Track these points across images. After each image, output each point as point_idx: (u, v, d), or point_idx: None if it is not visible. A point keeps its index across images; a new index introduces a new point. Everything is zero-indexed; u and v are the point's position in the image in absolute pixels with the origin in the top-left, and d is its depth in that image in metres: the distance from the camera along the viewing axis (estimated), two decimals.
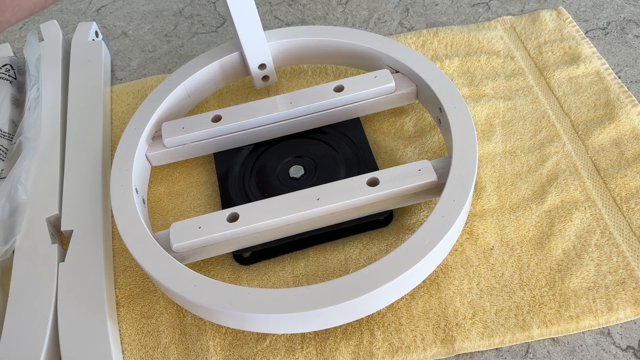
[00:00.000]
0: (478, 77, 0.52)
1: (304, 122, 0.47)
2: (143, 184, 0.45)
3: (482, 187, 0.44)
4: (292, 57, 0.52)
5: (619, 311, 0.37)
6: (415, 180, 0.39)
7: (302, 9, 0.64)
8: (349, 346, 0.38)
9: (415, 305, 0.39)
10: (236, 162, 0.46)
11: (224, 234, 0.38)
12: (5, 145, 0.50)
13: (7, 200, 0.44)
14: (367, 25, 0.60)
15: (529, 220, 0.42)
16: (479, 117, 0.49)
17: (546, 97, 0.50)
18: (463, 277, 0.40)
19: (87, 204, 0.45)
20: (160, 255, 0.37)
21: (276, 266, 0.42)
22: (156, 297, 0.41)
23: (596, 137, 0.47)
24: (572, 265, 0.40)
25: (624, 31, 0.56)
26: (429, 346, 0.37)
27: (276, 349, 0.38)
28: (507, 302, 0.38)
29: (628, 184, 0.43)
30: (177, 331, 0.40)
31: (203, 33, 0.62)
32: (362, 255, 0.42)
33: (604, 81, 0.50)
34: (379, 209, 0.40)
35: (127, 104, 0.55)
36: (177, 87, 0.48)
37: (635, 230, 0.41)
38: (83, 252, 0.42)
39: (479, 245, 0.41)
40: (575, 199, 0.43)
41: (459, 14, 0.60)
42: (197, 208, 0.46)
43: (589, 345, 0.37)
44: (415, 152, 0.47)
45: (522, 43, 0.55)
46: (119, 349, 0.39)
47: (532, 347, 0.37)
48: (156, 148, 0.46)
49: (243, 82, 0.55)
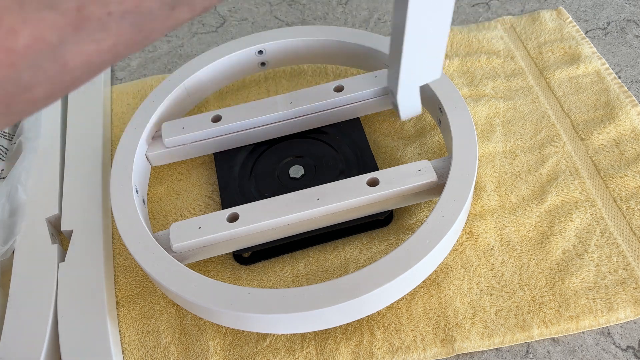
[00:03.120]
0: (478, 77, 0.52)
1: (304, 122, 0.47)
2: (143, 184, 0.45)
3: (482, 187, 0.44)
4: (292, 57, 0.52)
5: (619, 311, 0.37)
6: (415, 180, 0.39)
7: (302, 9, 0.64)
8: (349, 346, 0.38)
9: (415, 305, 0.39)
10: (236, 162, 0.46)
11: (224, 234, 0.38)
12: (5, 145, 0.50)
13: (7, 200, 0.44)
14: (367, 25, 0.60)
15: (529, 220, 0.42)
16: (479, 117, 0.49)
17: (546, 97, 0.50)
18: (463, 277, 0.40)
19: (87, 204, 0.45)
20: (160, 255, 0.37)
21: (276, 266, 0.42)
22: (156, 297, 0.41)
23: (596, 137, 0.47)
24: (572, 265, 0.40)
25: (624, 31, 0.56)
26: (429, 346, 0.37)
27: (276, 349, 0.38)
28: (507, 302, 0.39)
29: (628, 184, 0.43)
30: (177, 331, 0.40)
31: (203, 33, 0.62)
32: (362, 255, 0.42)
33: (604, 81, 0.50)
34: (379, 209, 0.40)
35: (127, 104, 0.55)
36: (177, 87, 0.48)
37: (635, 230, 0.41)
38: (83, 252, 0.42)
39: (479, 245, 0.41)
40: (575, 199, 0.43)
41: (459, 14, 0.60)
42: (197, 208, 0.46)
43: (589, 345, 0.37)
44: (415, 152, 0.47)
45: (522, 43, 0.55)
46: (119, 349, 0.39)
47: (532, 347, 0.37)
48: (156, 148, 0.46)
49: (243, 82, 0.55)
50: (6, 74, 0.18)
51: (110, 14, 0.19)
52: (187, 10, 0.21)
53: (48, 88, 0.20)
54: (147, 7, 0.19)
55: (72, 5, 0.18)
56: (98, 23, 0.19)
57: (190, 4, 0.21)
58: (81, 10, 0.18)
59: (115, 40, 0.20)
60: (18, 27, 0.17)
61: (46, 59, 0.18)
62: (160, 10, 0.20)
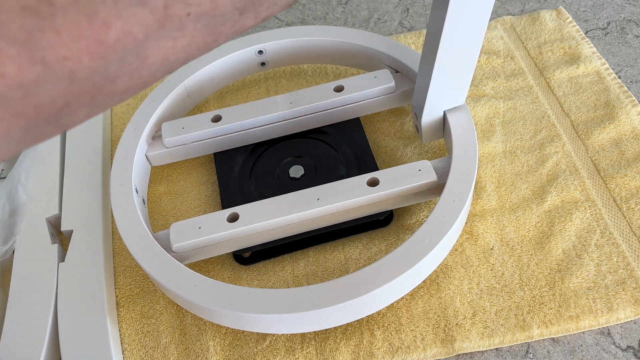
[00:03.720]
0: (478, 77, 0.52)
1: (304, 122, 0.47)
2: (143, 184, 0.45)
3: (482, 187, 0.44)
4: (292, 57, 0.52)
5: (619, 311, 0.37)
6: (415, 180, 0.39)
7: (302, 9, 0.64)
8: (349, 346, 0.38)
9: (415, 305, 0.39)
10: (236, 162, 0.46)
11: (224, 234, 0.38)
12: None
13: (7, 200, 0.44)
14: (367, 25, 0.60)
15: (529, 220, 0.42)
16: (479, 117, 0.49)
17: (546, 97, 0.50)
18: (463, 277, 0.40)
19: (87, 204, 0.45)
20: (160, 255, 0.37)
21: (276, 266, 0.42)
22: (156, 297, 0.41)
23: (596, 137, 0.47)
24: (572, 265, 0.40)
25: (624, 31, 0.56)
26: (429, 346, 0.37)
27: (276, 349, 0.38)
28: (507, 302, 0.39)
29: (628, 184, 0.43)
30: (177, 331, 0.40)
31: None
32: (362, 255, 0.42)
33: (604, 81, 0.50)
34: (379, 209, 0.40)
35: (127, 104, 0.55)
36: (177, 87, 0.48)
37: (635, 230, 0.41)
38: (83, 252, 0.42)
39: (479, 245, 0.41)
40: (575, 199, 0.43)
41: None
42: (197, 208, 0.46)
43: (589, 345, 0.37)
44: (415, 152, 0.47)
45: (522, 43, 0.55)
46: (119, 349, 0.39)
47: (532, 347, 0.37)
48: (156, 148, 0.46)
49: (243, 82, 0.55)
50: (96, 65, 0.18)
51: (189, 15, 0.20)
52: (253, 17, 0.22)
53: (128, 82, 0.20)
54: (220, 11, 0.21)
55: (160, 3, 0.19)
56: (178, 22, 0.20)
57: (256, 11, 0.22)
58: (167, 8, 0.19)
59: (190, 41, 0.21)
60: (111, 20, 0.18)
61: (131, 53, 0.19)
62: (231, 15, 0.21)
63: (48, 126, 0.20)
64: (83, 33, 0.17)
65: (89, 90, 0.19)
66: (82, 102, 0.20)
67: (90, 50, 0.18)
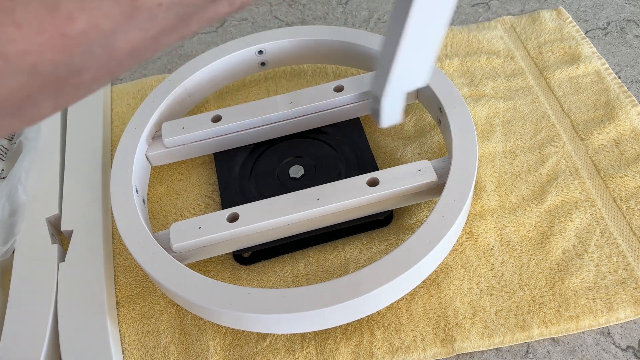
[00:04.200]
0: (478, 77, 0.52)
1: (304, 122, 0.47)
2: (143, 184, 0.45)
3: (482, 187, 0.44)
4: (292, 57, 0.52)
5: (619, 311, 0.37)
6: (415, 180, 0.39)
7: (302, 9, 0.64)
8: (349, 346, 0.38)
9: (415, 305, 0.39)
10: (236, 162, 0.46)
11: (224, 234, 0.38)
12: (5, 145, 0.50)
13: (7, 200, 0.44)
14: (367, 25, 0.60)
15: (529, 220, 0.42)
16: (479, 117, 0.49)
17: (546, 97, 0.50)
18: (463, 277, 0.40)
19: (87, 204, 0.45)
20: (160, 255, 0.37)
21: (276, 266, 0.42)
22: (156, 297, 0.41)
23: (596, 137, 0.47)
24: (572, 265, 0.40)
25: (624, 31, 0.56)
26: (429, 346, 0.37)
27: (276, 349, 0.38)
28: (507, 302, 0.39)
29: (628, 184, 0.43)
30: (177, 331, 0.40)
31: (203, 33, 0.62)
32: (362, 255, 0.42)
33: (604, 81, 0.50)
34: (379, 209, 0.40)
35: (127, 104, 0.55)
36: (177, 87, 0.48)
37: (635, 230, 0.41)
38: (83, 252, 0.42)
39: (479, 245, 0.41)
40: (575, 199, 0.43)
41: (459, 14, 0.60)
42: (197, 208, 0.46)
43: (589, 345, 0.37)
44: (415, 152, 0.47)
45: (522, 43, 0.55)
46: (119, 349, 0.39)
47: (532, 347, 0.37)
48: (156, 148, 0.46)
49: (243, 82, 0.55)
50: (60, 58, 0.18)
51: (160, 5, 0.19)
52: (227, 4, 0.22)
53: (95, 73, 0.20)
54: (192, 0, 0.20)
55: None
56: (148, 13, 0.19)
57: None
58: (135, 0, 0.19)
59: (160, 30, 0.20)
60: (75, 14, 0.18)
61: (97, 45, 0.19)
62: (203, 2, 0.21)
63: (11, 119, 0.20)
64: (45, 27, 0.17)
65: (53, 82, 0.19)
66: (47, 95, 0.20)
67: (53, 43, 0.18)
